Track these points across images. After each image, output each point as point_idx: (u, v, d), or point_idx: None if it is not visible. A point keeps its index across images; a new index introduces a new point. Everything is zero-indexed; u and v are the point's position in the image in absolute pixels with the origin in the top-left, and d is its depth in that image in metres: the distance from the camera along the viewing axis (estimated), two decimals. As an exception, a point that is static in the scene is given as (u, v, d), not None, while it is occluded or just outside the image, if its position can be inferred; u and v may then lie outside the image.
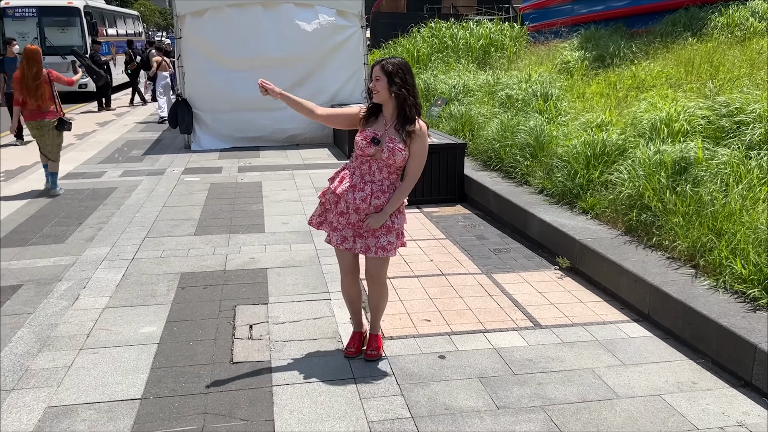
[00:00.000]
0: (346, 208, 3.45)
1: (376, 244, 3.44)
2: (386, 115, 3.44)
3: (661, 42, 10.09)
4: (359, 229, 3.46)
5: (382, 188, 3.41)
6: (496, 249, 5.63)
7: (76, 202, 7.44)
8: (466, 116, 8.60)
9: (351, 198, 3.39)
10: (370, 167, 3.42)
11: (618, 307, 4.39)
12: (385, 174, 3.42)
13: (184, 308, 4.43)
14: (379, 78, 3.32)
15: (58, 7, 19.90)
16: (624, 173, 5.42)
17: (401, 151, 3.34)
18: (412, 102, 3.35)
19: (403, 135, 3.34)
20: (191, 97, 10.86)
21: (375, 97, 3.36)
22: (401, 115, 3.36)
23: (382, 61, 3.36)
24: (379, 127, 3.42)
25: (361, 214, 3.42)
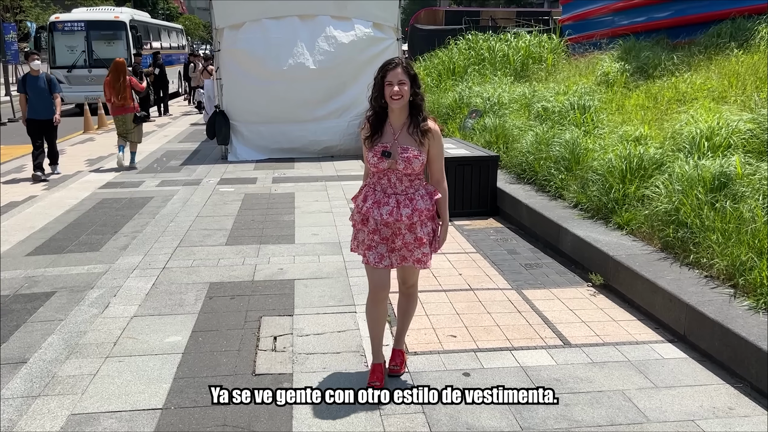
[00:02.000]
0: (375, 226, 3.35)
1: (412, 257, 3.37)
2: (394, 123, 3.28)
3: (704, 53, 9.82)
4: (393, 243, 3.36)
5: (408, 196, 3.30)
6: (527, 264, 5.51)
7: (113, 210, 7.59)
8: (500, 128, 8.50)
9: (377, 214, 3.29)
10: (390, 180, 3.31)
11: (652, 327, 4.23)
12: (406, 183, 3.30)
13: (211, 318, 4.45)
14: (404, 82, 3.16)
15: (105, 21, 20.53)
16: (661, 188, 5.25)
17: (417, 158, 3.21)
18: (421, 98, 3.25)
19: (419, 137, 3.20)
20: (228, 109, 11.02)
21: (397, 102, 3.17)
22: (415, 117, 3.23)
23: (401, 64, 3.20)
24: (387, 138, 3.27)
25: (393, 227, 3.32)
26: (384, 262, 3.35)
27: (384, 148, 3.23)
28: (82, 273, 5.40)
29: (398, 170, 3.25)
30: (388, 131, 3.27)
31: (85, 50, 19.90)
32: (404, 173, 3.26)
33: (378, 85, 3.20)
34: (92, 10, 23.68)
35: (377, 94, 3.22)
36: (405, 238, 3.32)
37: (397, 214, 3.26)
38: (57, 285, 5.13)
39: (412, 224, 3.30)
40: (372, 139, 3.28)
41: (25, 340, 4.12)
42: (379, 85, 3.20)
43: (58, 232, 6.67)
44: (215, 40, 10.93)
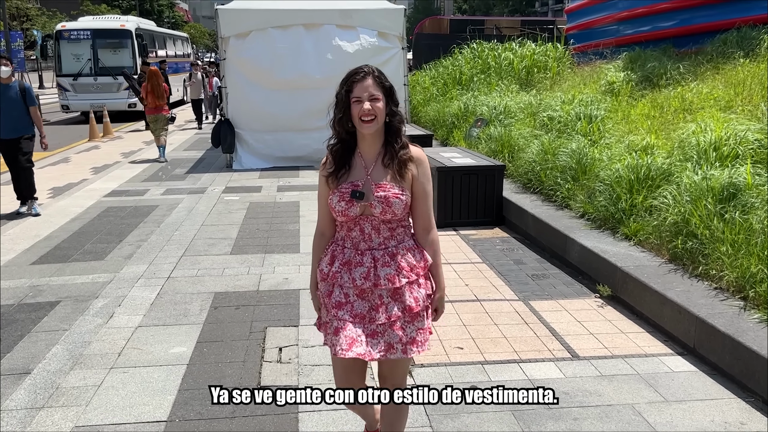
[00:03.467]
0: (344, 297, 2.46)
1: (403, 338, 2.44)
2: (365, 153, 2.46)
3: (711, 63, 9.80)
4: (372, 322, 2.44)
5: (389, 251, 2.45)
6: (534, 275, 5.48)
7: (118, 219, 7.58)
8: (506, 137, 8.48)
9: (348, 280, 2.44)
10: (363, 231, 2.45)
11: (661, 339, 4.19)
12: (385, 233, 2.45)
13: (216, 329, 4.42)
14: (377, 97, 2.35)
15: (111, 29, 20.64)
16: (669, 198, 5.22)
17: (399, 197, 2.39)
18: (400, 119, 2.48)
19: (398, 169, 2.42)
20: (234, 117, 11.03)
21: (369, 125, 2.36)
22: (392, 144, 2.44)
23: (372, 73, 2.39)
24: (357, 173, 2.45)
25: (371, 298, 2.44)
26: (357, 348, 2.38)
27: (354, 187, 2.41)
28: (86, 282, 5.38)
29: (374, 216, 2.42)
30: (358, 164, 2.46)
31: (91, 58, 20.00)
32: (382, 220, 2.43)
33: (342, 104, 2.38)
34: (98, 18, 23.84)
35: (341, 115, 2.39)
36: (389, 309, 2.43)
37: (374, 277, 2.42)
38: (61, 294, 5.11)
39: (397, 289, 2.43)
40: (337, 176, 2.45)
41: (29, 351, 4.09)
42: (344, 103, 2.38)
43: (63, 241, 6.66)
44: (221, 48, 10.95)
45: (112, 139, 15.78)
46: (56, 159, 12.57)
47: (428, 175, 2.50)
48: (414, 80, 15.04)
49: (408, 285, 2.44)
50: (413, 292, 2.44)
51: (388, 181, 2.41)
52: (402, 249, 2.46)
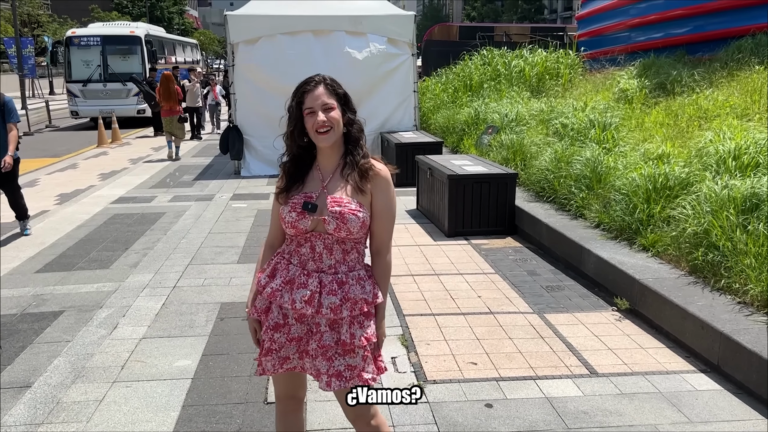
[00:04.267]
0: (282, 318, 2.29)
1: (329, 369, 2.25)
2: (323, 166, 2.30)
3: (725, 69, 9.65)
4: (305, 346, 2.29)
5: (339, 277, 2.25)
6: (548, 286, 5.33)
7: (124, 226, 7.49)
8: (518, 145, 8.34)
9: (288, 300, 2.24)
10: (314, 249, 2.25)
11: (682, 355, 4.03)
12: (338, 254, 2.25)
13: (222, 341, 4.30)
14: (332, 106, 2.20)
15: (121, 35, 20.68)
16: (688, 209, 5.06)
17: (355, 214, 2.19)
18: (360, 127, 2.31)
19: (358, 180, 2.23)
20: (242, 123, 10.95)
21: (325, 136, 2.19)
22: (351, 155, 2.27)
23: (323, 81, 2.24)
24: (312, 186, 2.28)
25: (310, 323, 2.27)
26: (287, 365, 2.34)
27: (307, 199, 2.23)
28: (91, 291, 5.28)
29: (327, 234, 2.22)
30: (315, 177, 2.29)
31: (101, 64, 20.01)
32: (336, 238, 2.23)
33: (294, 116, 2.24)
34: (108, 25, 23.91)
35: (292, 128, 2.25)
36: (323, 339, 2.25)
37: (316, 304, 2.22)
38: (65, 304, 5.00)
39: (336, 321, 2.25)
40: (287, 193, 2.28)
41: (31, 363, 3.98)
42: (296, 116, 2.23)
43: (69, 249, 6.57)
44: (229, 55, 10.89)
45: (121, 145, 15.75)
46: (64, 165, 12.53)
47: (391, 195, 2.29)
48: (423, 87, 14.93)
49: (350, 318, 2.25)
50: (352, 327, 2.25)
51: (345, 196, 2.23)
52: (352, 278, 2.27)
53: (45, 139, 17.70)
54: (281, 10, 10.90)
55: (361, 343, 2.25)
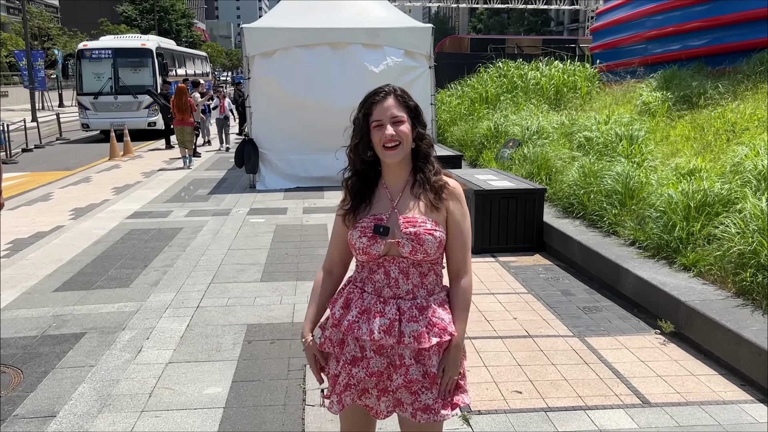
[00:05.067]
0: (359, 351, 2.11)
1: (414, 402, 2.09)
2: (390, 184, 2.13)
3: (749, 81, 9.48)
4: (387, 381, 2.10)
5: (419, 302, 2.07)
6: (585, 307, 5.13)
7: (142, 242, 7.34)
8: (543, 159, 8.17)
9: (365, 332, 2.05)
10: (388, 274, 2.08)
11: (737, 383, 3.83)
12: (415, 278, 2.07)
13: (251, 366, 4.12)
14: (401, 119, 2.04)
15: (133, 48, 20.67)
16: (731, 227, 4.87)
17: (431, 234, 2.02)
18: (430, 142, 2.15)
19: (431, 198, 2.07)
20: (258, 137, 10.82)
21: (393, 152, 2.04)
22: (422, 171, 2.11)
23: (393, 92, 2.08)
24: (381, 206, 2.11)
25: (391, 355, 2.08)
26: (366, 400, 2.15)
27: (377, 221, 2.07)
28: (112, 312, 5.12)
29: (402, 257, 2.06)
30: (382, 196, 2.13)
31: (112, 77, 19.99)
32: (412, 261, 2.06)
33: (360, 129, 2.08)
34: (120, 37, 23.92)
35: (357, 141, 2.08)
36: (410, 373, 2.05)
37: (397, 333, 2.03)
38: (87, 325, 4.84)
39: (422, 351, 2.06)
40: (355, 213, 2.12)
41: (54, 390, 3.82)
42: (362, 129, 2.08)
43: (86, 266, 6.42)
44: (245, 67, 10.78)
45: (133, 158, 15.65)
46: (77, 179, 12.42)
47: (465, 212, 2.14)
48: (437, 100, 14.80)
49: (438, 347, 2.07)
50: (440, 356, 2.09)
51: (419, 215, 2.06)
52: (434, 302, 2.09)
53: (56, 151, 17.64)
54: (298, 22, 10.78)
55: None
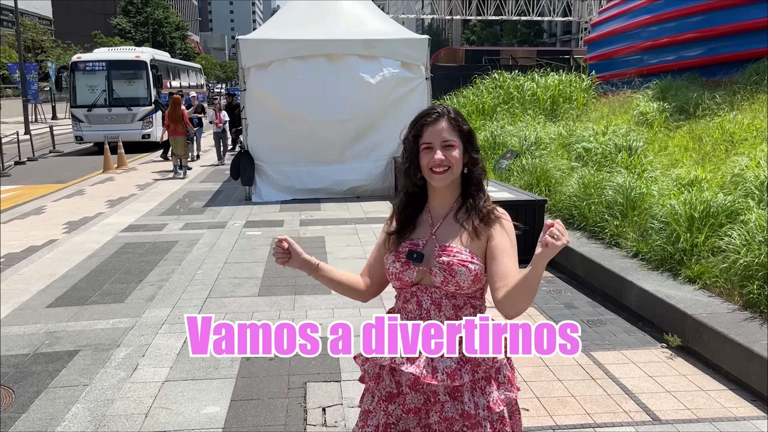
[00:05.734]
0: (395, 387, 1.99)
1: None
2: (434, 208, 2.02)
3: (746, 92, 9.48)
4: (425, 418, 1.97)
5: (453, 335, 1.93)
6: (589, 320, 5.05)
7: (137, 256, 7.22)
8: (542, 170, 8.12)
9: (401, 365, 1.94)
10: (420, 304, 1.96)
11: (748, 399, 3.75)
12: (449, 310, 1.94)
13: (250, 384, 4.02)
14: (453, 143, 1.92)
15: (127, 60, 20.59)
16: (736, 238, 4.82)
17: (466, 265, 1.88)
18: (483, 168, 2.02)
19: (476, 227, 1.93)
20: (253, 149, 10.74)
21: (441, 177, 1.93)
22: (470, 197, 1.98)
23: (447, 114, 1.96)
24: (421, 231, 2.01)
25: (426, 391, 1.96)
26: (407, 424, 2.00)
27: (413, 247, 1.97)
28: (106, 328, 5.00)
29: (435, 287, 1.94)
30: (424, 221, 2.02)
31: (106, 89, 19.90)
32: (445, 292, 1.93)
33: (410, 150, 1.98)
34: (114, 50, 23.87)
35: (408, 164, 1.99)
36: (445, 410, 1.93)
37: (429, 369, 1.91)
38: (80, 342, 4.72)
39: (456, 389, 1.92)
40: (400, 236, 2.03)
41: (47, 410, 3.70)
42: (412, 150, 1.98)
43: (80, 281, 6.30)
44: (241, 79, 10.71)
45: (127, 170, 15.53)
46: (71, 191, 12.29)
47: (513, 237, 1.98)
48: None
49: (472, 383, 1.91)
50: (475, 395, 1.90)
51: (457, 244, 1.92)
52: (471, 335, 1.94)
53: (49, 164, 17.50)
54: (293, 34, 10.74)
55: (486, 414, 1.90)
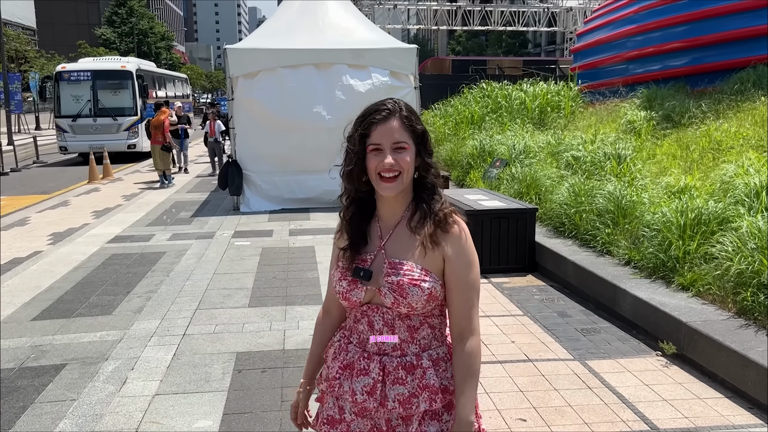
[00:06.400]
0: (338, 412, 1.83)
1: None
2: (384, 217, 1.80)
3: (732, 101, 9.58)
4: None
5: (407, 361, 1.74)
6: (583, 329, 5.03)
7: (124, 267, 7.12)
8: (531, 178, 8.12)
9: (347, 390, 1.77)
10: (372, 325, 1.77)
11: (745, 407, 3.73)
12: (403, 332, 1.74)
13: (242, 397, 3.94)
14: (405, 145, 1.71)
15: (112, 70, 20.43)
16: (728, 245, 4.82)
17: (419, 284, 1.69)
18: (437, 173, 1.79)
19: (429, 236, 1.72)
20: (242, 158, 10.66)
21: (390, 185, 1.71)
22: (423, 204, 1.76)
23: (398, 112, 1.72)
24: (371, 245, 1.79)
25: (375, 419, 1.78)
26: None
27: (360, 263, 1.77)
28: (94, 341, 4.90)
29: (385, 308, 1.75)
30: (374, 230, 1.81)
31: (91, 99, 19.71)
32: (397, 312, 1.74)
33: (355, 153, 1.74)
34: (99, 60, 23.69)
35: (351, 167, 1.75)
36: None
37: (380, 396, 1.74)
38: (67, 356, 4.62)
39: (410, 417, 1.75)
40: (355, 251, 1.80)
41: (34, 426, 3.60)
42: (358, 152, 1.74)
43: (66, 293, 6.19)
44: (228, 88, 10.66)
45: (112, 181, 15.37)
46: (55, 202, 12.12)
47: (471, 259, 1.73)
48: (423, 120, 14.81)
49: (428, 415, 1.73)
50: (423, 424, 1.72)
51: (409, 259, 1.71)
52: (426, 359, 1.73)
53: (33, 175, 17.29)
54: (282, 43, 10.71)
55: None
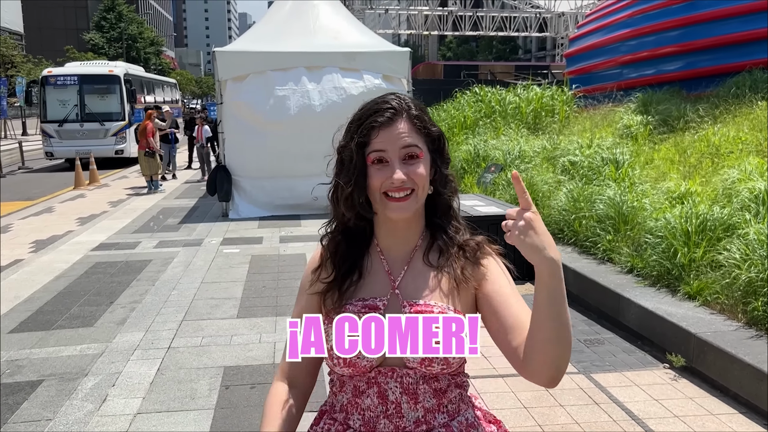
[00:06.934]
0: None
1: None
2: (390, 250, 1.42)
3: (728, 105, 9.47)
4: None
5: None
6: (587, 340, 4.84)
7: (107, 276, 6.86)
8: (528, 184, 7.93)
9: None
10: (384, 396, 1.35)
11: (762, 424, 3.55)
12: (428, 399, 1.35)
13: (230, 415, 3.71)
14: (418, 153, 1.32)
15: (99, 75, 20.16)
16: (736, 252, 4.65)
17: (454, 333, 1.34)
18: (454, 188, 1.45)
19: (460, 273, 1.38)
20: (230, 163, 10.42)
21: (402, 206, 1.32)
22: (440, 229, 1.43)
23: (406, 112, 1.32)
24: (375, 284, 1.40)
25: None
26: None
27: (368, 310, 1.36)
28: (74, 355, 4.65)
29: (407, 369, 1.34)
30: (376, 267, 1.41)
31: (78, 104, 19.41)
32: (423, 374, 1.34)
33: (351, 164, 1.33)
34: (86, 64, 23.39)
35: (351, 186, 1.33)
36: None
37: None
38: (45, 371, 4.37)
39: None
40: (341, 291, 1.39)
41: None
42: (356, 166, 1.33)
43: (47, 303, 5.93)
44: (218, 92, 10.43)
45: (99, 186, 15.08)
46: (39, 209, 11.83)
47: (509, 275, 1.43)
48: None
49: None
50: None
51: (436, 299, 1.33)
52: (458, 427, 1.35)
53: (18, 181, 16.96)
54: (272, 46, 10.50)
55: None
